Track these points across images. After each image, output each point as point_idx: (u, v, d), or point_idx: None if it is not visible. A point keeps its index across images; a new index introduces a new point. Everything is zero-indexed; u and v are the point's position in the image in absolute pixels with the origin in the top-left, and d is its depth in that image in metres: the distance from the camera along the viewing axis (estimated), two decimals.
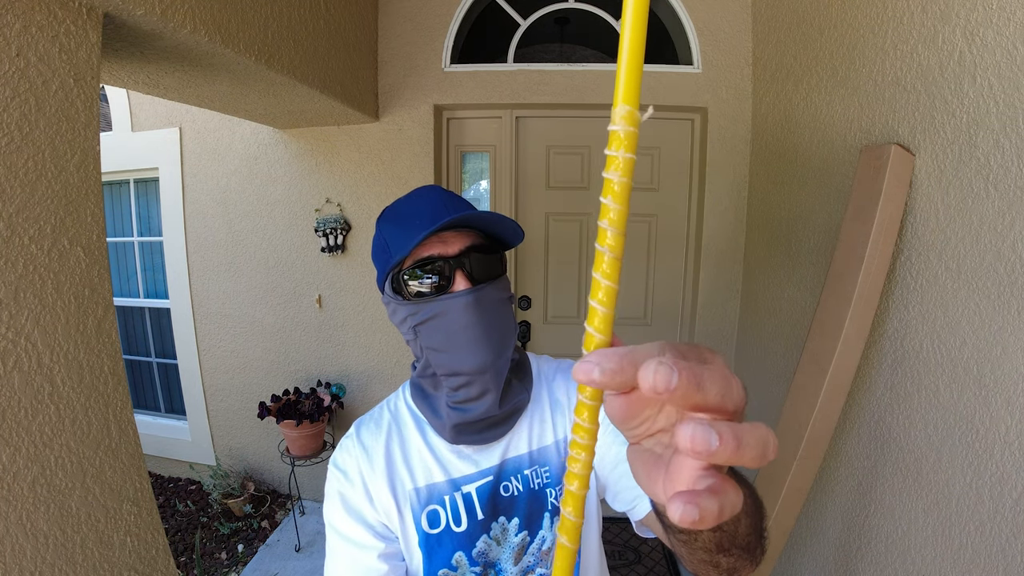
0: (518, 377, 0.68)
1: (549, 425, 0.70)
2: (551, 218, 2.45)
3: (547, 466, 0.69)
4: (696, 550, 0.41)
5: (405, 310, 0.63)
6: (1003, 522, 0.95)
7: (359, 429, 0.71)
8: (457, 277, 0.60)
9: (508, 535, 0.68)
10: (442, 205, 0.62)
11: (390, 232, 0.63)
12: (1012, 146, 0.95)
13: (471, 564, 0.66)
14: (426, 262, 0.60)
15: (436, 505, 0.66)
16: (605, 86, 2.23)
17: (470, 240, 0.62)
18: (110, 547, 1.08)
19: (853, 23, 1.46)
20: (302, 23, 1.70)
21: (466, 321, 0.60)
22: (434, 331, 0.61)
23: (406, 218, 0.62)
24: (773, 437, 0.22)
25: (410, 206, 0.64)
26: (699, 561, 0.43)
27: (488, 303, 0.61)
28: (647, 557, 2.24)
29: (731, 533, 0.39)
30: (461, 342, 0.60)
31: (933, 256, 1.15)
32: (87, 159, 1.05)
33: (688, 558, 0.44)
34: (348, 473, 0.67)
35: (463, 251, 0.61)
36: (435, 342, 0.62)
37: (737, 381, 0.22)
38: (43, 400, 0.96)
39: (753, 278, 2.18)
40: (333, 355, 2.55)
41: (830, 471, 1.49)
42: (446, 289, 0.61)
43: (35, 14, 0.93)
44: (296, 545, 2.32)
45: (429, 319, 0.61)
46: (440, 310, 0.60)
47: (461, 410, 0.64)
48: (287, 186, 2.45)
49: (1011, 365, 0.94)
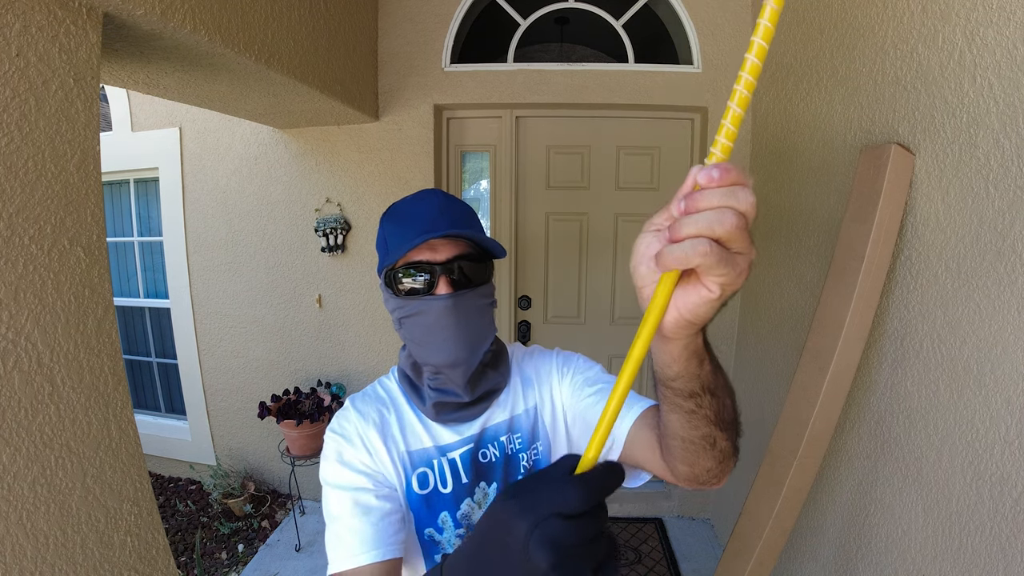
0: (494, 366, 0.76)
1: (520, 397, 0.79)
2: (551, 218, 2.45)
3: (519, 432, 0.77)
4: (699, 422, 0.48)
5: (394, 303, 0.70)
6: (1003, 522, 0.95)
7: (353, 401, 0.77)
8: (441, 282, 0.67)
9: (488, 499, 0.74)
10: (439, 214, 0.68)
11: (390, 231, 0.70)
12: (1012, 146, 0.95)
13: (456, 526, 0.72)
14: (415, 265, 0.67)
15: (425, 467, 0.73)
16: (605, 86, 2.23)
17: (458, 249, 0.68)
18: (110, 547, 1.08)
19: (853, 23, 1.46)
20: (302, 23, 1.70)
21: (444, 322, 0.67)
22: (415, 326, 0.69)
23: (405, 220, 0.69)
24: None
25: (411, 208, 0.70)
26: (700, 438, 0.50)
27: (466, 307, 0.68)
28: (647, 557, 2.24)
29: (723, 402, 0.48)
30: (438, 339, 0.68)
31: (933, 256, 1.15)
32: (87, 159, 1.05)
33: (690, 437, 0.50)
34: (347, 435, 0.71)
35: (450, 259, 0.67)
36: (415, 336, 0.70)
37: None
38: (43, 400, 0.96)
39: (753, 277, 2.18)
40: (333, 355, 2.55)
41: (830, 471, 1.49)
42: (430, 291, 0.67)
43: (35, 14, 0.93)
44: (296, 545, 2.32)
45: (412, 315, 0.68)
46: (422, 309, 0.67)
47: (440, 391, 0.72)
48: (287, 186, 2.45)
49: (1011, 365, 0.94)
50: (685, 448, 0.53)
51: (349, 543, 0.62)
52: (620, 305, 2.50)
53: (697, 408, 0.47)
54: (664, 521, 2.48)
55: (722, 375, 0.48)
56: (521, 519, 0.32)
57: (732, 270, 0.32)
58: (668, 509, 2.54)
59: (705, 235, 0.31)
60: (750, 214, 0.32)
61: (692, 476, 0.57)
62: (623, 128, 2.36)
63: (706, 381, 0.45)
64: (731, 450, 0.54)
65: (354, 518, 0.64)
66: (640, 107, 2.27)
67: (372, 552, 0.62)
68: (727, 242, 0.31)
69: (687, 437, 0.51)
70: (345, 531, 0.63)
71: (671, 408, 0.49)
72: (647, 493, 2.57)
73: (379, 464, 0.70)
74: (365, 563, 0.61)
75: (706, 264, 0.31)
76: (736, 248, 0.32)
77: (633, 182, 2.40)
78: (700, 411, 0.47)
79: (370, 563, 0.61)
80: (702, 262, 0.31)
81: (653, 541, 2.34)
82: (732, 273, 0.33)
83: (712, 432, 0.50)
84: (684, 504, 2.52)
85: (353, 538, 0.62)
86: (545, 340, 2.52)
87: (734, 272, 0.33)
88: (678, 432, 0.51)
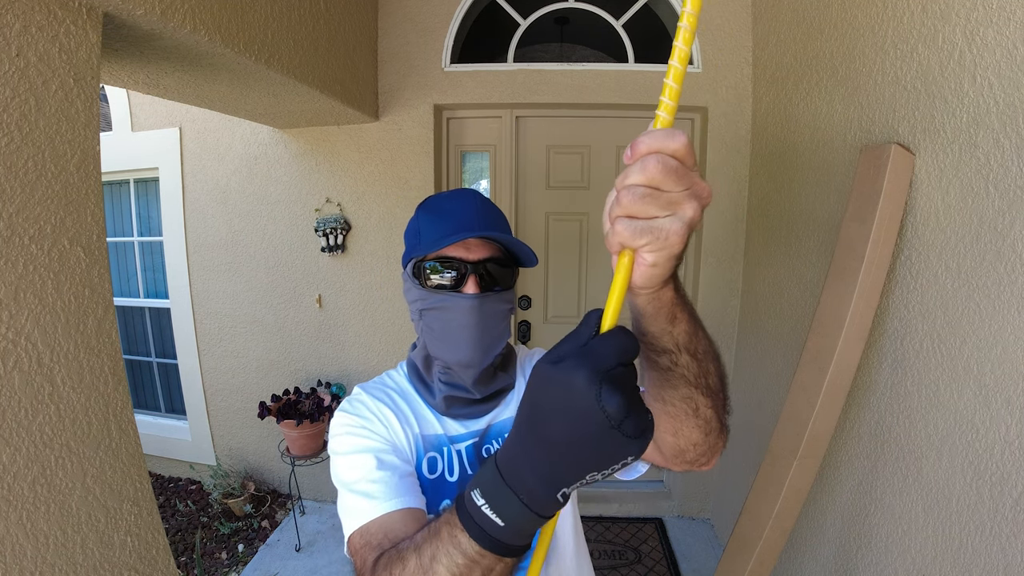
0: (503, 368, 0.77)
1: None
2: (551, 218, 2.45)
3: None
4: (676, 380, 0.47)
5: (417, 293, 0.70)
6: (1003, 522, 0.95)
7: (363, 388, 0.76)
8: (470, 281, 0.67)
9: None
10: (476, 215, 0.69)
11: (426, 222, 0.71)
12: (1012, 145, 0.95)
13: None
14: (448, 260, 0.67)
15: (435, 452, 0.73)
16: (605, 86, 2.23)
17: (491, 252, 0.69)
18: (110, 547, 1.08)
19: (853, 23, 1.46)
20: (302, 23, 1.70)
21: (465, 321, 0.67)
22: (436, 320, 0.69)
23: (443, 215, 0.70)
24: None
25: (450, 204, 0.71)
26: (680, 400, 0.49)
27: (488, 310, 0.68)
28: (647, 557, 2.24)
29: (705, 367, 0.47)
30: (457, 337, 0.68)
31: (933, 256, 1.15)
32: (87, 159, 1.05)
33: (669, 398, 0.49)
34: (360, 413, 0.71)
35: (482, 260, 0.68)
36: (435, 330, 0.70)
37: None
38: (43, 400, 0.96)
39: (753, 277, 2.18)
40: (333, 355, 2.55)
41: (830, 471, 1.49)
42: (457, 288, 0.68)
43: (35, 14, 0.93)
44: (296, 545, 2.32)
45: (435, 309, 0.69)
46: (446, 304, 0.68)
47: (450, 385, 0.73)
48: (287, 186, 2.45)
49: (1011, 365, 0.94)
50: (668, 413, 0.51)
51: (377, 491, 0.60)
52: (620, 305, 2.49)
53: (672, 366, 0.46)
54: (664, 521, 2.48)
55: (703, 339, 0.47)
56: (588, 372, 0.33)
57: (655, 238, 0.34)
58: (668, 509, 2.54)
59: (621, 213, 0.34)
60: (679, 153, 0.33)
61: (679, 450, 0.54)
62: (623, 128, 2.36)
63: (680, 339, 0.45)
64: (717, 423, 0.52)
65: (378, 471, 0.62)
66: (640, 107, 2.27)
67: (402, 499, 0.60)
68: (661, 186, 0.33)
69: (668, 398, 0.50)
70: (371, 484, 0.61)
71: (649, 364, 0.48)
72: (647, 493, 2.57)
73: (395, 436, 0.70)
74: (397, 508, 0.58)
75: (625, 240, 0.35)
76: (671, 193, 0.34)
77: None
78: (676, 369, 0.46)
79: (401, 508, 0.59)
80: (622, 240, 0.35)
81: (653, 541, 2.34)
82: (657, 241, 0.34)
83: (692, 395, 0.48)
84: (684, 504, 2.52)
85: (380, 487, 0.60)
86: (545, 340, 2.52)
87: (658, 240, 0.34)
88: (659, 392, 0.50)
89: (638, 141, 0.34)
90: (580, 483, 0.36)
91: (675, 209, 0.34)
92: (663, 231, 0.34)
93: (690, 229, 0.35)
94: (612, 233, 0.35)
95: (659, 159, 0.33)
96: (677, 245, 0.35)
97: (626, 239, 0.34)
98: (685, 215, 0.34)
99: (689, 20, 0.33)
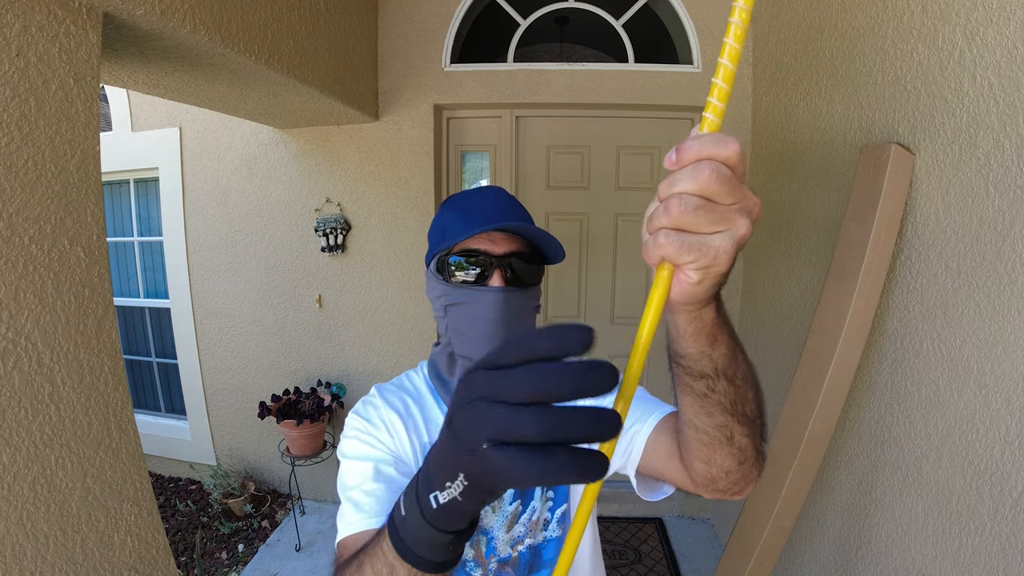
0: None
1: None
2: (551, 218, 2.45)
3: None
4: (712, 408, 0.45)
5: (441, 289, 0.69)
6: (1003, 522, 0.95)
7: (379, 389, 0.76)
8: (495, 275, 0.66)
9: (503, 504, 0.72)
10: (501, 208, 0.69)
11: (450, 218, 0.70)
12: (1012, 145, 0.95)
13: None
14: (472, 253, 0.67)
15: None
16: (605, 86, 2.23)
17: (516, 246, 0.68)
18: (110, 547, 1.08)
19: (853, 23, 1.46)
20: (302, 23, 1.70)
21: (491, 316, 0.66)
22: (461, 315, 0.68)
23: (468, 210, 0.69)
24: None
25: (475, 200, 0.71)
26: (714, 428, 0.47)
27: (514, 306, 0.67)
28: (647, 557, 2.24)
29: (743, 394, 0.45)
30: (481, 333, 0.67)
31: (933, 256, 1.15)
32: (87, 159, 1.05)
33: (703, 425, 0.47)
34: (370, 418, 0.70)
35: (507, 253, 0.67)
36: (460, 325, 0.69)
37: None
38: (43, 400, 0.96)
39: (753, 277, 2.18)
40: (333, 355, 2.55)
41: (830, 471, 1.49)
42: (483, 282, 0.67)
43: (35, 14, 0.93)
44: (296, 545, 2.32)
45: (460, 303, 0.68)
46: (472, 298, 0.67)
47: None
48: (287, 186, 2.45)
49: (1011, 365, 0.94)
50: (700, 440, 0.49)
51: (366, 505, 0.60)
52: (620, 305, 2.50)
53: (709, 392, 0.44)
54: (664, 521, 2.48)
55: (744, 364, 0.45)
56: (479, 437, 0.27)
57: (702, 255, 0.31)
58: (668, 509, 2.54)
59: (669, 224, 0.30)
60: (731, 160, 0.29)
61: (710, 478, 0.52)
62: (623, 128, 2.36)
63: (720, 364, 0.42)
64: (753, 452, 0.49)
65: (373, 483, 0.62)
66: (640, 107, 2.27)
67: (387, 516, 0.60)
68: (713, 197, 0.30)
69: (701, 426, 0.48)
70: (362, 495, 0.61)
71: (683, 389, 0.46)
72: None
73: (400, 448, 0.69)
74: (378, 526, 0.57)
75: (669, 255, 0.31)
76: (723, 206, 0.30)
77: (633, 182, 2.40)
78: (713, 396, 0.44)
79: (383, 526, 0.59)
80: (664, 254, 0.31)
81: (653, 541, 2.34)
82: (704, 258, 0.31)
83: (727, 422, 0.46)
84: (684, 504, 2.52)
85: (370, 500, 0.60)
86: None
87: (706, 257, 0.31)
88: (692, 419, 0.48)
89: (686, 145, 0.30)
90: (440, 491, 0.31)
91: (727, 225, 0.30)
92: (712, 248, 0.30)
93: (739, 247, 0.31)
94: (653, 245, 0.31)
95: (713, 166, 0.29)
96: (725, 264, 0.32)
97: (670, 254, 0.31)
98: (737, 232, 0.31)
99: (741, 16, 0.29)
